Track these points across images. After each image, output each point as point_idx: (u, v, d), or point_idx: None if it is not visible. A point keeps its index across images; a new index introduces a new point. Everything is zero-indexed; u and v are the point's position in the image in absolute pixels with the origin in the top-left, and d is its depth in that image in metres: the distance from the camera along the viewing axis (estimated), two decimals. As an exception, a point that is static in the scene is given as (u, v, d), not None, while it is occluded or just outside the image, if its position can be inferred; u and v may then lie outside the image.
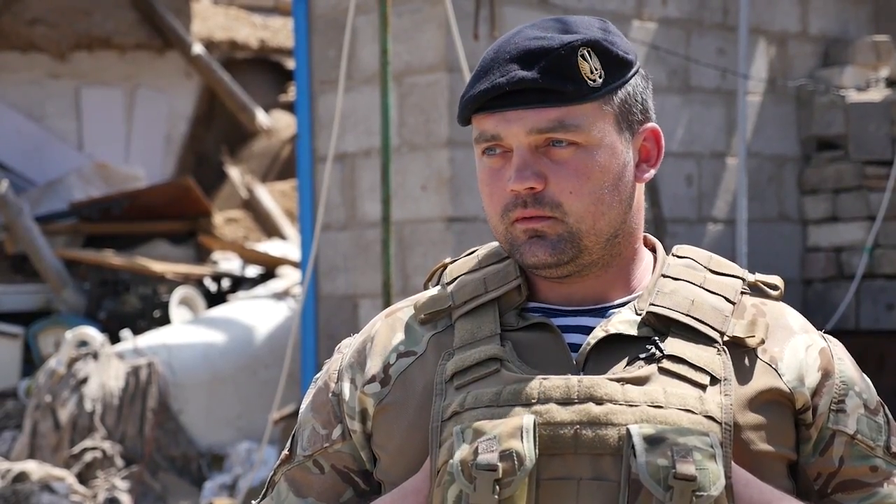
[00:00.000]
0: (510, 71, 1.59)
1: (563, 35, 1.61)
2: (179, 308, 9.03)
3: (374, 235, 6.37)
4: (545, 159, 1.60)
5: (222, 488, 7.00)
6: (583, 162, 1.60)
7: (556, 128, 1.59)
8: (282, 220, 11.31)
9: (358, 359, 1.70)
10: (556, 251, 1.61)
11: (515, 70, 1.59)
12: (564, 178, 1.60)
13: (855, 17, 7.56)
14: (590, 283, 1.66)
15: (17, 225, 9.53)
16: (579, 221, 1.61)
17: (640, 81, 1.66)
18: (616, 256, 1.66)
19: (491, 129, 1.62)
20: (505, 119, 1.61)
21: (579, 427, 1.53)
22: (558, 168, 1.60)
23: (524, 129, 1.60)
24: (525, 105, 1.59)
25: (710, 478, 1.50)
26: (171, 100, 12.05)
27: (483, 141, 1.63)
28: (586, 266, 1.64)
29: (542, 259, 1.61)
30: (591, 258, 1.63)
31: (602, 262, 1.64)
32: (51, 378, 7.19)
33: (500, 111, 1.61)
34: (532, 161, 1.60)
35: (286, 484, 1.72)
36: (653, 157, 1.69)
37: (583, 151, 1.60)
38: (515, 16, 6.18)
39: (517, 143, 1.60)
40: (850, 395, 1.65)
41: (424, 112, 6.19)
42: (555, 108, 1.59)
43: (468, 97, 1.63)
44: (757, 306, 1.67)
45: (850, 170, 7.03)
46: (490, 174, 1.64)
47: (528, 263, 1.63)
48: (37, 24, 11.03)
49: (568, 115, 1.59)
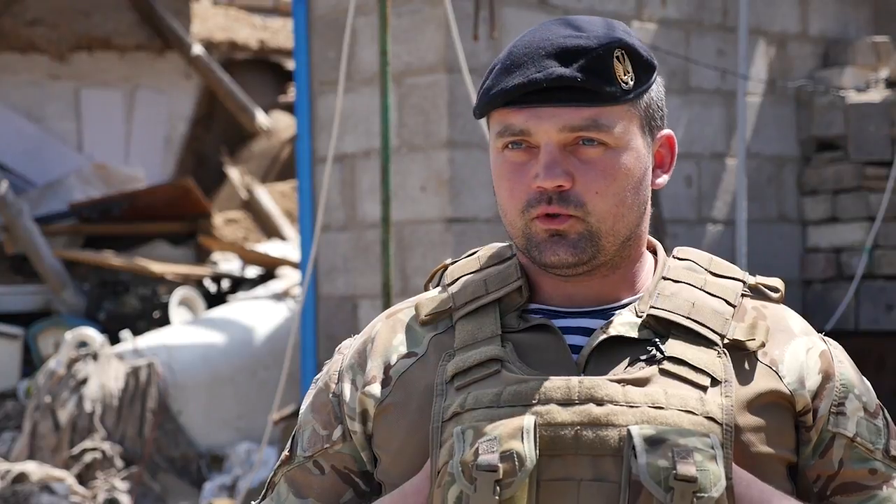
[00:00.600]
0: (547, 67, 1.58)
1: (600, 35, 1.60)
2: (179, 309, 9.03)
3: (374, 236, 6.37)
4: (573, 158, 1.60)
5: (222, 489, 7.00)
6: (610, 163, 1.60)
7: (589, 126, 1.59)
8: (281, 220, 11.31)
9: (358, 360, 1.70)
10: (577, 251, 1.61)
11: (554, 66, 1.58)
12: (592, 178, 1.59)
13: (855, 18, 7.56)
14: (595, 284, 1.66)
15: (16, 226, 9.53)
16: (600, 222, 1.61)
17: (660, 87, 1.67)
18: (625, 259, 1.66)
19: (520, 123, 1.60)
20: (536, 115, 1.59)
21: (580, 428, 1.53)
22: (586, 168, 1.60)
23: (556, 126, 1.59)
24: (559, 102, 1.58)
25: (711, 479, 1.50)
26: (171, 101, 12.05)
27: (509, 135, 1.62)
28: (598, 266, 1.64)
29: (563, 259, 1.61)
30: (604, 259, 1.63)
31: (612, 263, 1.65)
32: (50, 379, 7.19)
33: (532, 107, 1.59)
34: (561, 159, 1.59)
35: (286, 485, 1.72)
36: (666, 163, 1.70)
37: (611, 152, 1.60)
38: (515, 17, 6.18)
39: (546, 140, 1.60)
40: (850, 398, 1.65)
41: (424, 113, 6.19)
42: (588, 107, 1.59)
43: (499, 90, 1.61)
44: (757, 309, 1.67)
45: (850, 170, 7.03)
46: (512, 169, 1.63)
47: (547, 262, 1.62)
48: (36, 25, 11.03)
49: (601, 114, 1.59)
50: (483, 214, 6.17)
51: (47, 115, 11.41)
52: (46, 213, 10.27)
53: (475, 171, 6.16)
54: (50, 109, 11.43)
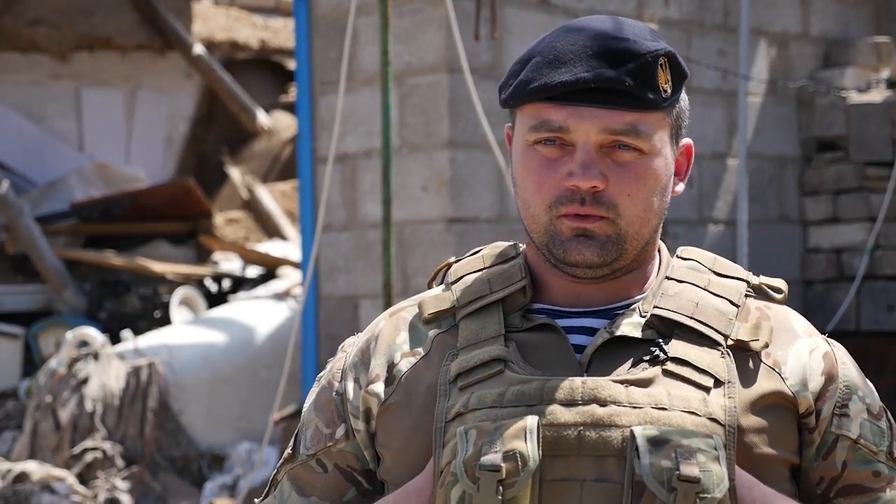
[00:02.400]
0: (596, 67, 1.58)
1: (645, 41, 1.60)
2: (180, 308, 9.03)
3: (375, 236, 6.37)
4: (608, 160, 1.60)
5: (223, 489, 7.00)
6: (643, 168, 1.61)
7: (629, 132, 1.59)
8: (282, 220, 11.31)
9: (362, 358, 1.70)
10: (604, 252, 1.61)
11: (603, 68, 1.58)
12: (626, 181, 1.60)
13: (856, 19, 7.56)
14: (606, 285, 1.66)
15: (17, 225, 9.53)
16: (629, 225, 1.61)
17: (685, 96, 1.68)
18: (639, 262, 1.67)
19: (560, 120, 1.59)
20: (577, 114, 1.59)
21: (583, 428, 1.53)
22: (620, 170, 1.60)
23: (597, 126, 1.59)
24: (604, 104, 1.58)
25: (714, 480, 1.50)
26: (172, 100, 12.06)
27: (546, 130, 1.60)
28: (617, 269, 1.64)
29: (588, 259, 1.61)
30: (625, 262, 1.64)
31: (628, 266, 1.65)
32: (51, 378, 7.19)
33: (574, 105, 1.59)
34: (597, 160, 1.59)
35: (289, 483, 1.72)
36: (683, 171, 1.71)
37: (644, 157, 1.61)
38: (516, 17, 6.18)
39: (584, 140, 1.59)
40: (854, 400, 1.65)
41: (425, 113, 6.19)
42: (630, 112, 1.59)
43: (542, 84, 1.59)
44: (761, 309, 1.67)
45: (851, 171, 7.03)
46: (542, 164, 1.61)
47: (571, 261, 1.62)
48: (37, 24, 11.03)
49: (640, 120, 1.60)
50: (484, 214, 6.17)
51: (48, 114, 11.41)
52: (47, 213, 10.27)
53: (476, 171, 6.16)
54: (51, 109, 11.43)
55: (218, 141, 12.36)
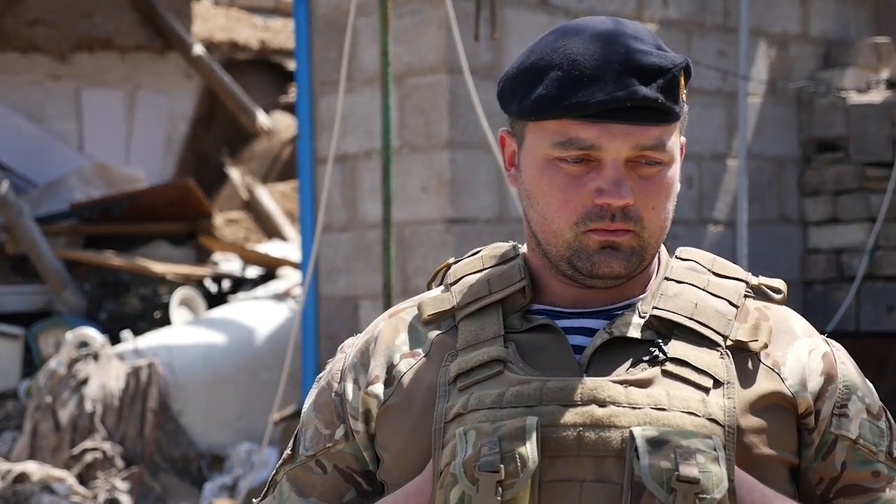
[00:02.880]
0: (630, 85, 1.56)
1: (668, 54, 1.60)
2: (180, 309, 9.03)
3: (375, 237, 6.37)
4: (633, 174, 1.59)
5: (222, 489, 7.00)
6: (664, 180, 1.61)
7: (657, 146, 1.59)
8: (282, 221, 11.31)
9: (361, 359, 1.70)
10: (629, 264, 1.61)
11: (636, 86, 1.56)
12: (650, 195, 1.60)
13: (856, 19, 7.56)
14: (611, 290, 1.66)
15: (17, 226, 9.53)
16: (651, 236, 1.62)
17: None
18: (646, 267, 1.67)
19: (592, 139, 1.57)
20: (609, 131, 1.57)
21: (582, 429, 1.53)
22: (645, 184, 1.60)
23: (629, 144, 1.58)
24: (635, 121, 1.57)
25: (713, 480, 1.50)
26: (172, 101, 12.06)
27: (575, 148, 1.58)
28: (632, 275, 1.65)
29: (615, 271, 1.61)
30: (642, 269, 1.65)
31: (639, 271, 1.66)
32: (51, 379, 7.19)
33: (606, 122, 1.57)
34: (626, 176, 1.59)
35: (288, 484, 1.72)
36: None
37: (665, 169, 1.62)
38: (516, 17, 6.18)
39: (614, 157, 1.58)
40: (853, 400, 1.65)
41: (425, 113, 6.19)
42: (658, 126, 1.59)
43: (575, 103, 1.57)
44: (760, 310, 1.67)
45: (851, 171, 7.03)
46: (568, 181, 1.60)
47: (599, 274, 1.61)
48: (37, 25, 11.03)
49: (665, 133, 1.60)
50: (484, 215, 6.17)
51: (48, 115, 11.41)
52: (47, 213, 10.28)
53: (476, 171, 6.16)
54: (51, 109, 11.44)
55: (218, 141, 12.37)
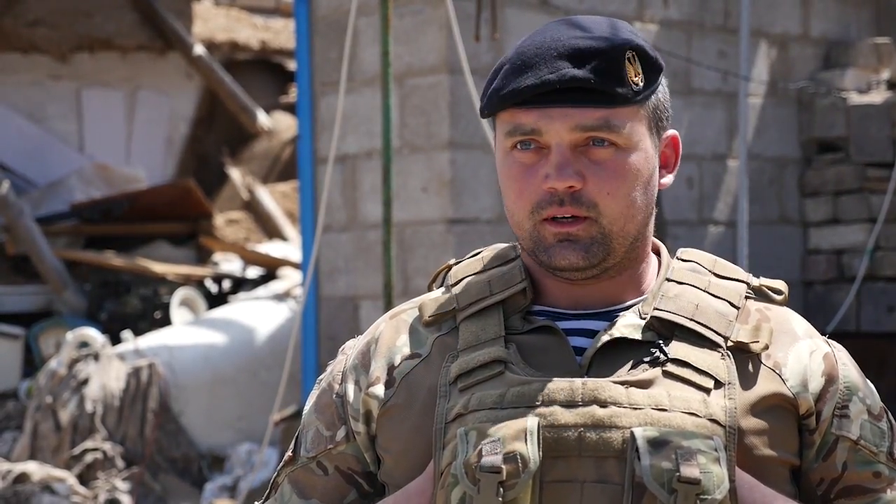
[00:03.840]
0: (561, 68, 1.58)
1: (611, 37, 1.60)
2: (180, 309, 9.03)
3: (375, 237, 6.37)
4: (584, 159, 1.60)
5: (223, 490, 7.00)
6: (621, 164, 1.60)
7: (601, 127, 1.59)
8: (283, 221, 11.31)
9: (362, 360, 1.70)
10: (589, 254, 1.61)
11: (567, 68, 1.58)
12: (604, 178, 1.59)
13: (856, 20, 7.56)
14: (602, 286, 1.66)
15: (18, 226, 9.53)
16: (612, 223, 1.60)
17: (665, 88, 1.67)
18: (632, 260, 1.66)
19: (531, 123, 1.59)
20: (547, 115, 1.59)
21: (583, 430, 1.53)
22: (597, 168, 1.59)
23: (568, 126, 1.58)
24: (573, 103, 1.58)
25: (715, 481, 1.50)
26: (172, 101, 12.06)
27: (519, 134, 1.61)
28: (608, 269, 1.64)
29: (573, 262, 1.61)
30: (614, 261, 1.63)
31: (620, 265, 1.65)
32: (51, 379, 7.19)
33: (543, 107, 1.59)
34: (572, 159, 1.59)
35: (290, 485, 1.72)
36: (671, 163, 1.70)
37: (621, 153, 1.60)
38: (517, 18, 6.18)
39: (557, 141, 1.59)
40: (854, 401, 1.65)
41: (425, 114, 6.19)
42: (600, 108, 1.59)
43: (510, 90, 1.60)
44: (761, 311, 1.67)
45: (851, 172, 7.03)
46: (521, 170, 1.62)
47: (557, 266, 1.62)
48: (38, 25, 11.03)
49: (612, 116, 1.59)
50: (484, 215, 6.17)
51: (49, 115, 11.42)
52: (48, 214, 10.28)
53: (477, 172, 6.16)
54: (51, 110, 11.44)
55: (218, 142, 12.37)
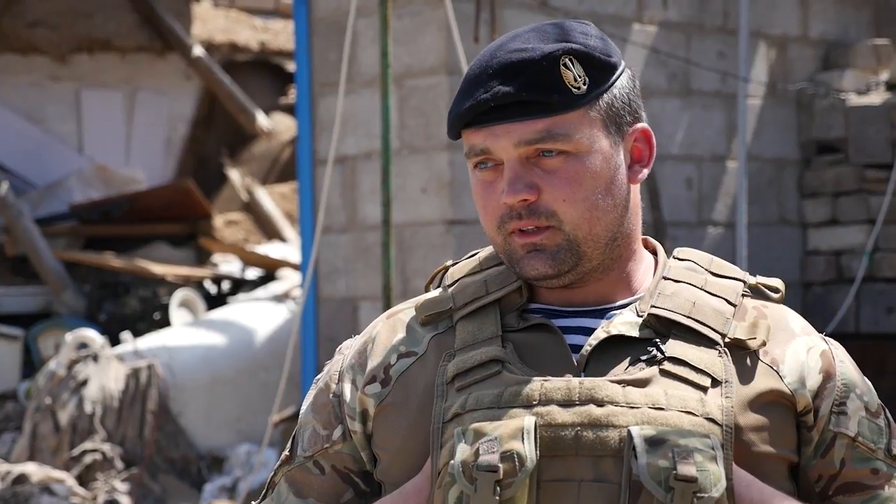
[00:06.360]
0: (492, 87, 1.60)
1: (544, 45, 1.60)
2: (179, 310, 9.03)
3: (375, 238, 6.37)
4: (537, 169, 1.61)
5: (222, 490, 7.00)
6: (574, 169, 1.60)
7: (545, 138, 1.59)
8: (282, 222, 11.31)
9: (359, 360, 1.71)
10: (557, 262, 1.62)
11: (497, 86, 1.60)
12: (557, 186, 1.60)
13: (855, 21, 7.56)
14: (591, 287, 1.66)
15: (17, 227, 9.53)
16: (576, 228, 1.61)
17: (627, 83, 1.65)
18: (616, 259, 1.66)
19: (480, 143, 1.62)
20: (493, 133, 1.61)
21: (580, 429, 1.53)
22: (550, 177, 1.60)
23: (512, 142, 1.60)
24: (510, 119, 1.60)
25: (711, 479, 1.50)
26: (172, 102, 12.06)
27: (474, 155, 1.64)
28: (587, 272, 1.64)
29: (543, 271, 1.62)
30: (591, 264, 1.64)
31: (602, 266, 1.65)
32: (51, 380, 7.19)
33: (488, 126, 1.61)
34: (523, 173, 1.60)
35: (287, 485, 1.72)
36: (645, 157, 1.69)
37: (573, 159, 1.61)
38: (516, 18, 6.18)
39: (507, 156, 1.61)
40: (852, 398, 1.65)
41: (425, 115, 6.20)
42: (540, 119, 1.59)
43: (456, 114, 1.64)
44: (758, 308, 1.67)
45: (850, 173, 7.03)
46: (483, 187, 1.65)
47: (529, 276, 1.63)
48: (37, 26, 11.03)
49: (554, 124, 1.59)
50: (483, 216, 6.17)
51: (48, 116, 11.42)
52: (47, 215, 10.28)
53: (476, 172, 6.16)
54: (50, 111, 11.44)
55: (217, 143, 12.37)
